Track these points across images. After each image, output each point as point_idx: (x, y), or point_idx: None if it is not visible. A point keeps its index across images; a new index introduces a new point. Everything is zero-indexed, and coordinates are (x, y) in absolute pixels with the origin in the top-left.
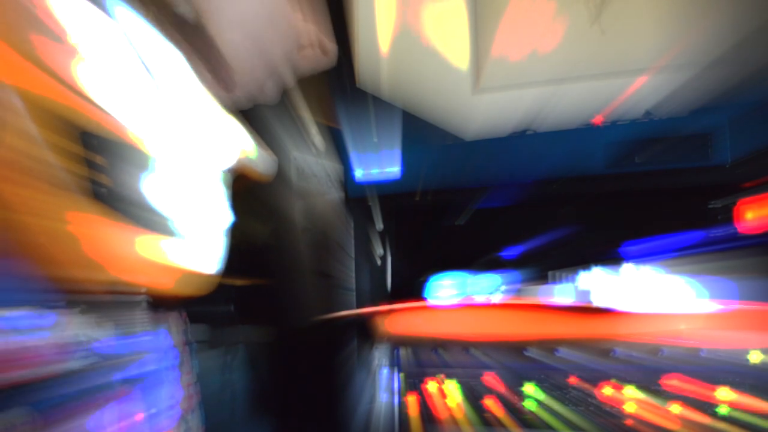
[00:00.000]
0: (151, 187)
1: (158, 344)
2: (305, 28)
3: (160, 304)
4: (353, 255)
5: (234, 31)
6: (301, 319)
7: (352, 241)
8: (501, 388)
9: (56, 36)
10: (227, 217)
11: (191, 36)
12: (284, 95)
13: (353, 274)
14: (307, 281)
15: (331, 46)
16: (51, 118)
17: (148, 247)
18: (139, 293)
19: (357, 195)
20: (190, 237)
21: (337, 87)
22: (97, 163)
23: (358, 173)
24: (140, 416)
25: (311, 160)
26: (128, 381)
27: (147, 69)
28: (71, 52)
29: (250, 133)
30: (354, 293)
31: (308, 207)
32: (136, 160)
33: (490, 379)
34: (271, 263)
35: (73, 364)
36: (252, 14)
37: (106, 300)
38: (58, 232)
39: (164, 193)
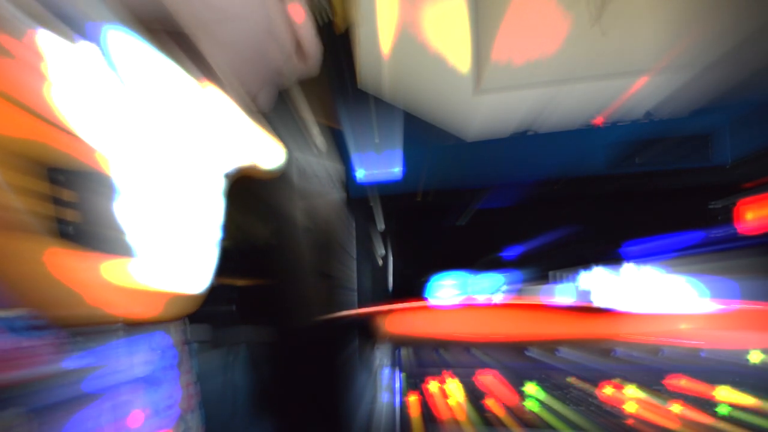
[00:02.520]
0: (126, 213)
1: (155, 345)
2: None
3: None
4: (355, 255)
5: (227, 51)
6: (303, 319)
7: (354, 242)
8: (501, 387)
9: (23, 64)
10: (217, 232)
11: (185, 51)
12: (286, 96)
13: (354, 274)
14: (308, 281)
15: (314, 54)
16: (14, 157)
17: (121, 274)
18: (116, 322)
19: (358, 195)
20: (172, 258)
21: (338, 88)
22: (63, 199)
23: (360, 174)
24: (137, 416)
25: (313, 161)
26: (125, 381)
27: (127, 84)
28: (42, 80)
29: (259, 128)
30: (355, 293)
31: (310, 207)
32: (108, 188)
33: (489, 378)
34: (273, 263)
35: (69, 364)
36: (246, 35)
37: (84, 331)
38: (26, 275)
39: (141, 218)
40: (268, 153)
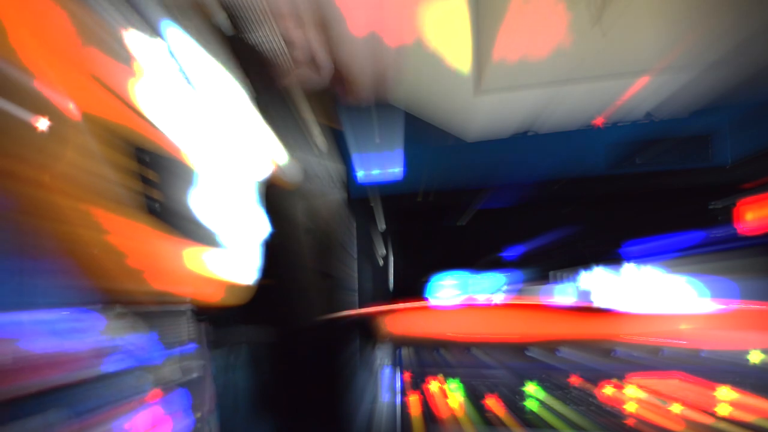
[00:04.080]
0: (199, 201)
1: (187, 348)
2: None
3: (203, 313)
4: (356, 255)
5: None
6: (304, 319)
7: (355, 242)
8: (503, 387)
9: (117, 56)
10: (265, 228)
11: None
12: (287, 97)
13: (355, 274)
14: (309, 281)
15: (326, 64)
16: (109, 135)
17: (195, 259)
18: (185, 303)
19: (359, 196)
20: (233, 249)
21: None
22: (150, 178)
23: (361, 174)
24: (171, 418)
25: (314, 161)
26: (163, 384)
27: (193, 85)
28: (129, 71)
29: (281, 141)
30: (356, 293)
31: (311, 208)
32: (184, 175)
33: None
34: (274, 264)
35: (110, 367)
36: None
37: (153, 310)
38: (111, 245)
39: (210, 207)
40: (290, 162)
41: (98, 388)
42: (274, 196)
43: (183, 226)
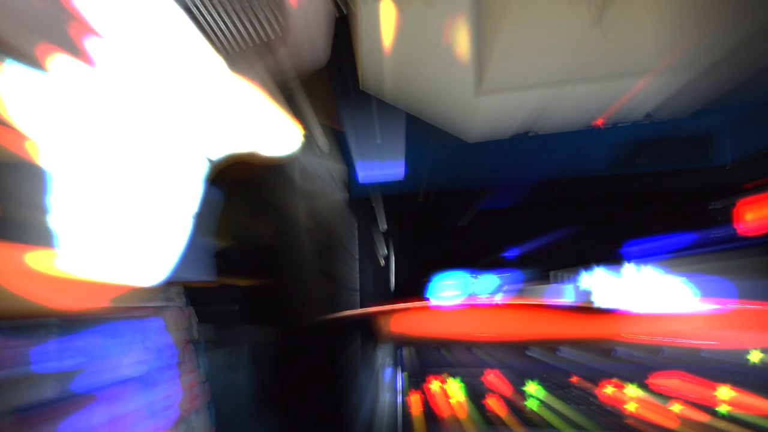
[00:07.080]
0: (58, 203)
1: (151, 344)
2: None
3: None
4: (357, 255)
5: None
6: (305, 319)
7: (356, 242)
8: (504, 387)
9: None
10: (185, 221)
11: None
12: (288, 97)
13: (357, 275)
14: (311, 281)
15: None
16: None
17: (48, 265)
18: (48, 315)
19: (360, 196)
20: (105, 248)
21: (340, 89)
22: None
23: (362, 174)
24: (130, 416)
25: (315, 161)
26: (118, 381)
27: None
28: None
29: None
30: (357, 293)
31: (312, 208)
32: (37, 178)
33: (492, 378)
34: (276, 264)
35: (59, 363)
36: None
37: (14, 324)
38: None
39: (73, 206)
40: (278, 136)
41: (46, 385)
42: (274, 195)
43: (35, 233)
